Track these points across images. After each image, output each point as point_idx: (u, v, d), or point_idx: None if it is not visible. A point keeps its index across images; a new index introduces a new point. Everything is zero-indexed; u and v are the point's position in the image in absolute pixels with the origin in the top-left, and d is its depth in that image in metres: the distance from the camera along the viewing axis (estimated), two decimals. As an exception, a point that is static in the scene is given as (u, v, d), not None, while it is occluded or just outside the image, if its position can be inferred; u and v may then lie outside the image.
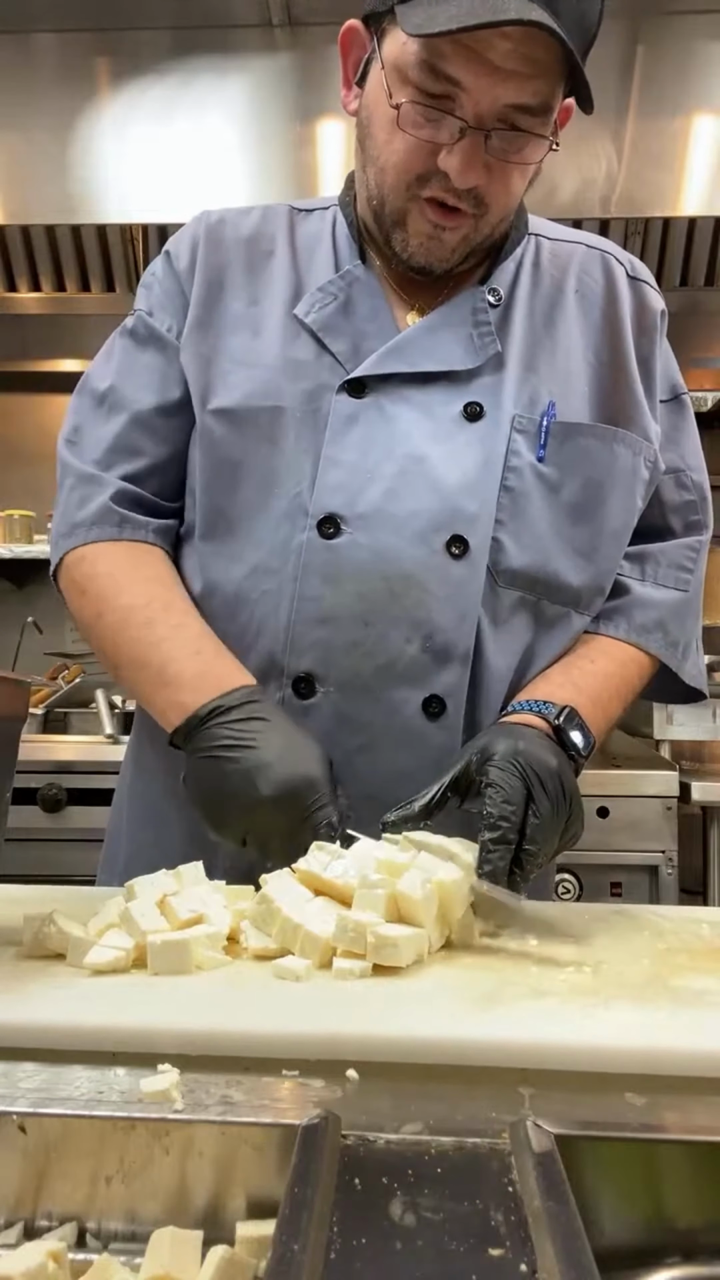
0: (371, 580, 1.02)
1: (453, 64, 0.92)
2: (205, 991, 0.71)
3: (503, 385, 1.07)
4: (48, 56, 2.83)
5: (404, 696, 1.03)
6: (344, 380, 1.05)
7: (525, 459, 1.06)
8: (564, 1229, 0.44)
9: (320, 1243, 0.43)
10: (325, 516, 1.03)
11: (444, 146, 0.95)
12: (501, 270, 1.11)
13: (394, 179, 1.00)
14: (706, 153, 2.66)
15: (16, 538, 3.09)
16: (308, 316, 1.08)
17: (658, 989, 0.73)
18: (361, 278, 1.10)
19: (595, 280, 1.13)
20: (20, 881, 0.98)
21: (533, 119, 0.95)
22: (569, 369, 1.10)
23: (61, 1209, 0.54)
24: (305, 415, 1.05)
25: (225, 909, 0.80)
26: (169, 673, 1.00)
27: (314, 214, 1.16)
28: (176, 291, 1.13)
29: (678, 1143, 0.53)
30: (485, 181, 0.97)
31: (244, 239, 1.13)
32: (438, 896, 0.80)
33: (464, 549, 1.03)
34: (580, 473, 1.07)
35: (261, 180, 2.79)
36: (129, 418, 1.11)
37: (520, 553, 1.05)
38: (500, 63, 0.91)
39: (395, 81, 0.96)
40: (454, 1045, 0.63)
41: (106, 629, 1.06)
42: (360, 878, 0.79)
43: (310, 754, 0.93)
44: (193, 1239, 0.50)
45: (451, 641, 1.03)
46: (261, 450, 1.06)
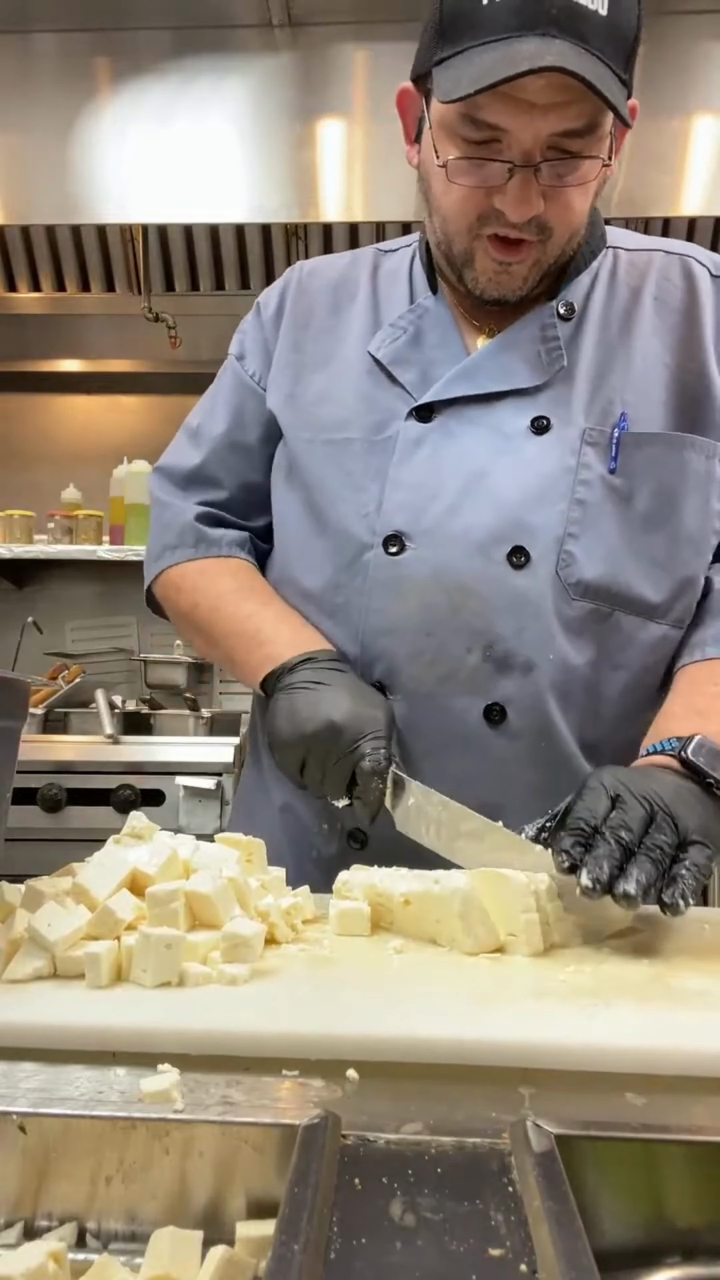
0: (432, 593, 1.06)
1: (490, 112, 0.96)
2: (204, 991, 0.71)
3: (572, 398, 1.09)
4: (48, 56, 2.83)
5: (465, 704, 1.06)
6: (411, 407, 1.11)
7: (596, 471, 1.07)
8: (564, 1229, 0.44)
9: (320, 1243, 0.43)
10: (391, 534, 1.08)
11: (496, 189, 0.99)
12: (575, 284, 1.13)
13: (455, 225, 1.05)
14: (706, 153, 2.66)
15: (16, 538, 3.09)
16: (379, 351, 1.14)
17: (658, 989, 0.73)
18: (432, 309, 1.15)
19: (675, 284, 1.14)
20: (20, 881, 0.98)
21: (581, 141, 0.97)
22: (645, 377, 1.10)
23: (61, 1209, 0.54)
24: (374, 444, 1.12)
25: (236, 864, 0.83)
26: (263, 636, 1.12)
27: (396, 253, 1.24)
28: (262, 339, 1.24)
29: (678, 1143, 0.53)
30: (543, 210, 1.00)
31: (330, 285, 1.22)
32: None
33: (525, 560, 1.05)
34: (651, 482, 1.08)
35: (261, 180, 2.79)
36: (208, 450, 1.24)
37: (592, 564, 1.07)
38: (536, 99, 0.94)
39: (442, 137, 1.01)
40: (454, 1045, 0.63)
41: (203, 611, 1.19)
42: (149, 895, 0.76)
43: (376, 700, 1.03)
44: (193, 1239, 0.50)
45: (512, 650, 1.05)
46: (334, 476, 1.13)
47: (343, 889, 0.90)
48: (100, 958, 0.70)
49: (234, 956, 0.74)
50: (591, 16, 0.93)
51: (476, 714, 1.06)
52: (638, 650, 1.10)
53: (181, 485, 1.25)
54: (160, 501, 1.26)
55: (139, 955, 0.71)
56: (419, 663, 1.07)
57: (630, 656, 1.10)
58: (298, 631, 1.11)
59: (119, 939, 0.73)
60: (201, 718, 2.88)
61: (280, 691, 1.05)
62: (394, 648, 1.08)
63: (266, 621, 1.13)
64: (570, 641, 1.07)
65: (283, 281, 1.26)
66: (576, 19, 0.92)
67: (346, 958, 0.80)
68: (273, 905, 0.82)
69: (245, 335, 1.27)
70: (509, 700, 1.06)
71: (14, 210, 2.86)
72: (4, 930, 0.75)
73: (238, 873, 0.81)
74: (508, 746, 1.06)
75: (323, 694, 1.01)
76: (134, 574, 3.30)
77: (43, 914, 0.74)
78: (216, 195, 2.80)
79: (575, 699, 1.08)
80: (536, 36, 0.92)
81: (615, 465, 1.08)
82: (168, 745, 2.58)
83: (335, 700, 1.00)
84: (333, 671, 1.05)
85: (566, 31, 0.92)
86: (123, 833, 0.88)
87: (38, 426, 3.50)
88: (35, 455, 3.47)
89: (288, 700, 1.03)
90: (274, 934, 0.81)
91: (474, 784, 1.03)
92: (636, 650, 1.10)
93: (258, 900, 0.82)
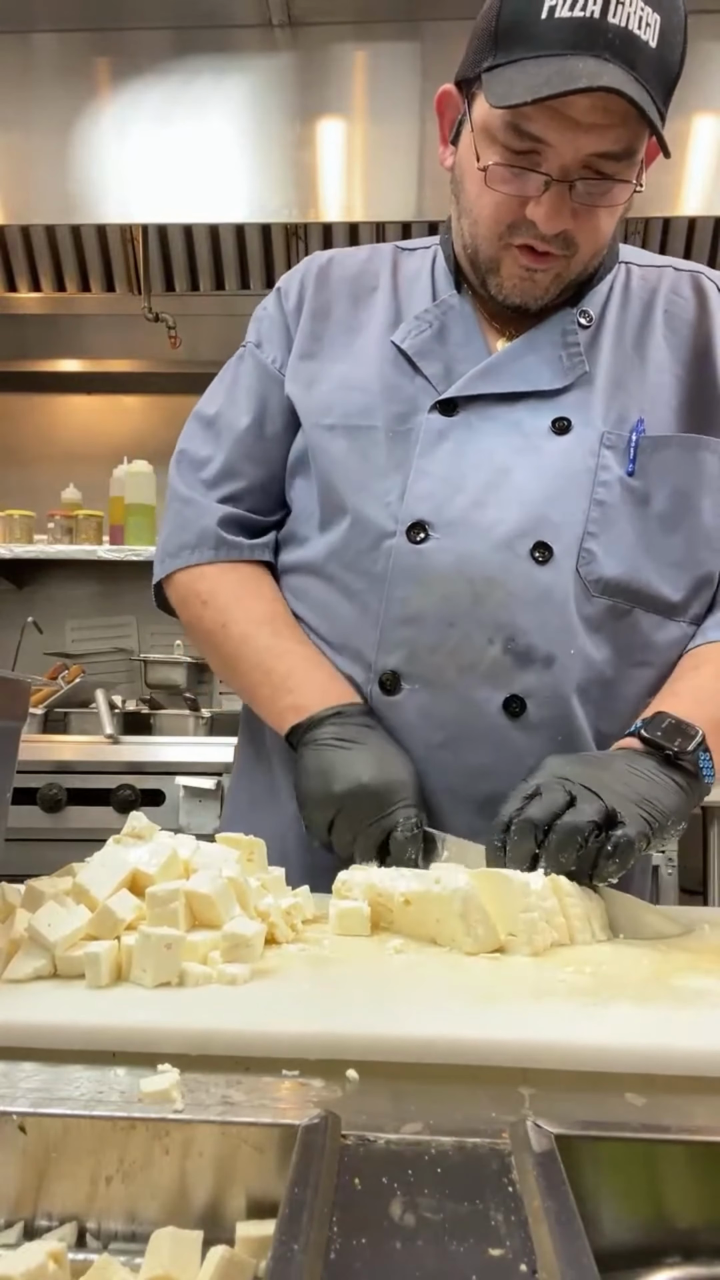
0: (456, 583, 1.07)
1: (536, 124, 0.98)
2: (205, 991, 0.71)
3: (591, 402, 1.11)
4: (48, 56, 2.83)
5: (485, 696, 1.07)
6: (435, 400, 1.12)
7: (615, 473, 1.09)
8: (564, 1229, 0.44)
9: (320, 1243, 0.43)
10: (414, 523, 1.09)
11: (531, 199, 1.02)
12: (593, 295, 1.16)
13: (486, 230, 1.07)
14: (706, 153, 2.67)
15: (16, 538, 3.09)
16: (404, 342, 1.15)
17: (658, 989, 0.73)
18: (456, 306, 1.17)
19: (685, 299, 1.18)
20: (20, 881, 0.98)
21: (616, 164, 1.00)
22: (658, 385, 1.13)
23: (61, 1209, 0.54)
24: (398, 433, 1.13)
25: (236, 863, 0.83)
26: (293, 681, 1.11)
27: (416, 253, 1.25)
28: (283, 327, 1.24)
29: (678, 1143, 0.53)
30: (573, 226, 1.03)
31: (350, 276, 1.23)
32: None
33: (548, 555, 1.06)
34: (667, 484, 1.10)
35: (261, 180, 2.79)
36: (231, 442, 1.22)
37: (612, 563, 1.08)
38: (581, 118, 0.96)
39: (483, 142, 1.03)
40: (454, 1045, 0.63)
41: (232, 637, 1.17)
42: (149, 895, 0.76)
43: (404, 763, 1.04)
44: (193, 1239, 0.50)
45: (534, 644, 1.06)
46: (355, 463, 1.14)
47: (342, 889, 0.90)
48: (100, 957, 0.70)
49: (234, 956, 0.74)
50: (644, 48, 0.96)
51: (496, 705, 1.07)
52: (657, 648, 1.12)
53: (205, 481, 1.23)
54: (181, 496, 1.23)
55: (139, 955, 0.71)
56: (440, 652, 1.08)
57: (649, 654, 1.12)
58: (329, 682, 1.11)
59: (119, 939, 0.73)
60: (201, 718, 2.89)
61: (308, 746, 1.05)
62: (415, 637, 1.08)
63: (298, 666, 1.12)
64: (590, 637, 1.08)
65: (302, 270, 1.26)
66: (630, 47, 0.95)
67: (346, 957, 0.80)
68: (273, 905, 0.82)
69: (263, 323, 1.26)
70: (529, 693, 1.07)
71: (14, 210, 2.86)
72: (4, 930, 0.75)
73: (238, 873, 0.81)
74: (526, 739, 1.07)
75: (354, 754, 1.02)
76: (134, 574, 3.31)
77: (43, 914, 0.74)
78: (216, 195, 2.80)
79: (594, 694, 1.09)
80: (593, 57, 0.94)
81: (633, 468, 1.10)
82: (168, 745, 2.58)
83: (365, 763, 1.01)
84: (362, 729, 1.05)
85: (620, 57, 0.95)
86: (123, 833, 0.88)
87: (38, 426, 3.50)
88: (35, 455, 3.46)
89: (316, 757, 1.03)
90: (274, 934, 0.81)
91: (491, 776, 1.05)
92: (655, 648, 1.12)
93: (258, 900, 0.82)
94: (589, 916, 0.86)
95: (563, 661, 1.07)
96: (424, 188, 2.75)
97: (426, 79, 2.72)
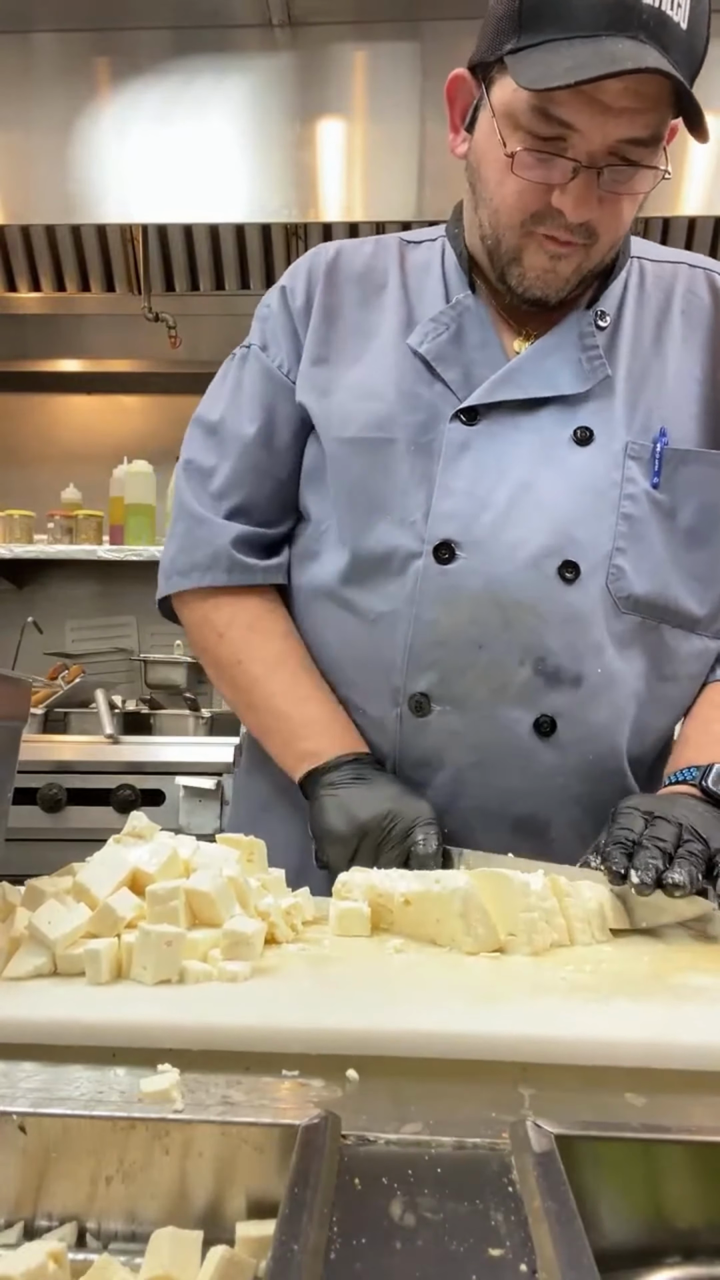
0: (485, 605, 1.06)
1: (566, 109, 0.94)
2: (205, 988, 0.71)
3: (613, 410, 1.09)
4: (48, 56, 2.83)
5: (516, 716, 1.06)
6: (457, 409, 1.09)
7: (640, 485, 1.07)
8: (564, 1229, 0.44)
9: (320, 1243, 0.43)
10: (441, 543, 1.06)
11: (557, 186, 0.98)
12: (609, 293, 1.13)
13: (509, 219, 1.03)
14: (706, 153, 2.66)
15: (16, 538, 3.09)
16: (421, 346, 1.11)
17: (658, 987, 0.73)
18: (472, 307, 1.13)
19: (701, 299, 1.15)
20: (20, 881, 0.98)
21: (644, 150, 0.97)
22: (678, 392, 1.11)
23: (61, 1209, 0.54)
24: (419, 445, 1.09)
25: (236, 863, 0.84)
26: (309, 729, 1.11)
27: (422, 245, 1.20)
28: (290, 329, 1.18)
29: (678, 1143, 0.53)
30: (598, 215, 1.00)
31: (358, 274, 1.18)
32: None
33: (576, 574, 1.05)
34: (695, 499, 1.09)
35: (261, 180, 2.79)
36: (237, 452, 1.18)
37: (640, 579, 1.07)
38: (612, 102, 0.93)
39: (507, 127, 0.99)
40: (454, 1040, 0.63)
41: (248, 674, 1.16)
42: (149, 893, 0.76)
43: (420, 795, 1.05)
44: (193, 1239, 0.50)
45: (563, 665, 1.06)
46: (378, 480, 1.10)
47: (343, 889, 0.90)
48: (100, 955, 0.70)
49: (234, 954, 0.74)
50: (675, 29, 0.93)
51: (527, 726, 1.06)
52: (682, 661, 1.11)
53: (214, 493, 1.18)
54: (192, 513, 1.19)
55: (139, 952, 0.71)
56: (470, 675, 1.06)
57: (676, 668, 1.11)
58: (344, 733, 1.11)
59: (119, 936, 0.74)
60: (201, 718, 2.88)
61: (325, 789, 1.06)
62: (445, 659, 1.07)
63: (314, 715, 1.12)
64: (620, 654, 1.07)
65: (307, 265, 1.20)
66: (663, 29, 0.92)
67: (346, 957, 0.80)
68: (273, 905, 0.82)
69: (268, 324, 1.20)
70: (559, 713, 1.06)
71: (14, 210, 2.86)
72: (4, 929, 0.75)
73: (238, 872, 0.81)
74: (557, 758, 1.07)
75: (372, 787, 1.04)
76: (134, 574, 3.30)
77: (43, 912, 0.74)
78: (216, 195, 2.80)
79: (625, 711, 1.09)
80: (627, 38, 0.91)
81: (658, 480, 1.08)
82: (168, 745, 2.58)
83: (385, 792, 1.03)
84: (377, 771, 1.07)
85: (653, 38, 0.92)
86: (123, 833, 0.88)
87: (38, 426, 3.50)
88: (35, 455, 3.46)
89: (334, 797, 1.05)
90: (274, 934, 0.81)
91: (522, 797, 1.05)
92: (681, 661, 1.11)
93: (258, 900, 0.82)
94: (588, 917, 0.86)
95: (591, 680, 1.06)
96: (424, 188, 2.75)
97: (426, 79, 2.72)
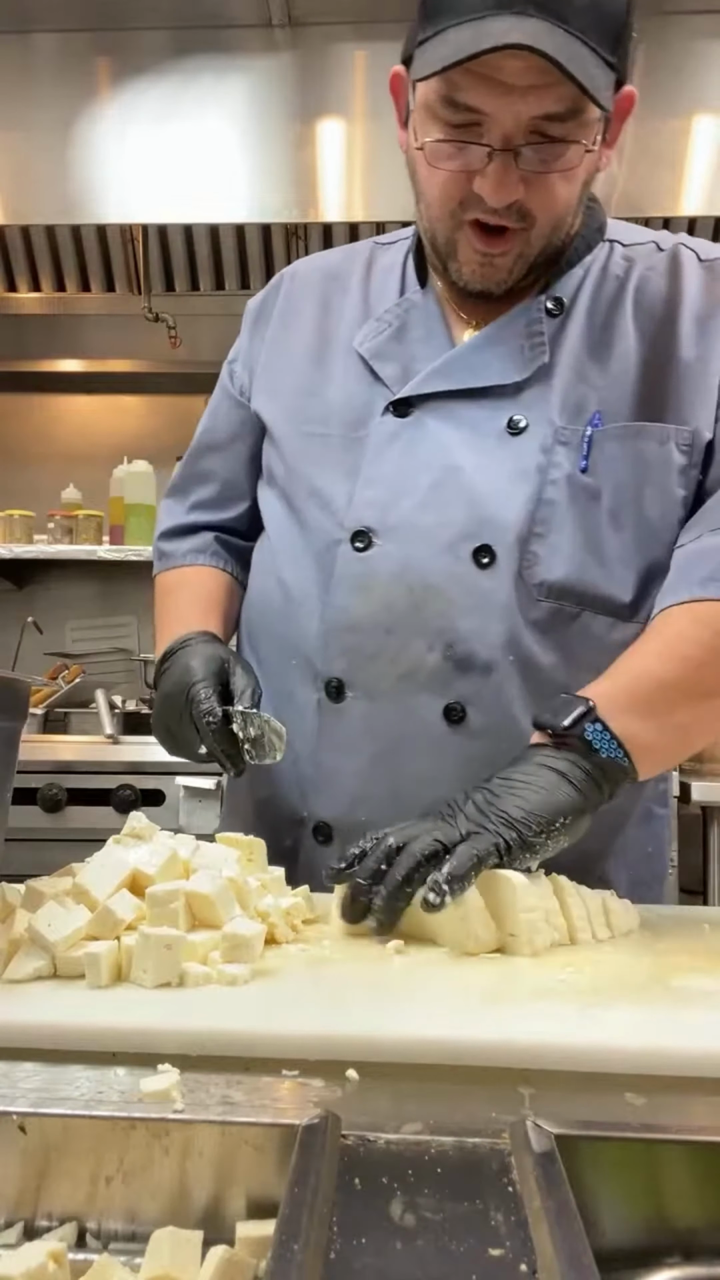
0: (396, 590, 1.05)
1: (469, 94, 0.93)
2: (205, 991, 0.71)
3: (549, 396, 1.07)
4: (48, 56, 2.83)
5: (425, 703, 1.05)
6: (389, 401, 1.09)
7: (565, 470, 1.05)
8: (564, 1229, 0.44)
9: (320, 1243, 0.43)
10: (359, 530, 1.07)
11: (476, 172, 0.97)
12: (567, 278, 1.11)
13: (438, 210, 1.03)
14: (706, 153, 2.66)
15: (16, 538, 3.09)
16: (362, 346, 1.13)
17: (657, 989, 0.73)
18: (419, 302, 1.13)
19: (658, 272, 1.11)
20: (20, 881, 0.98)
21: (563, 125, 0.94)
22: (621, 373, 1.08)
23: (61, 1209, 0.54)
24: (351, 439, 1.11)
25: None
26: (160, 638, 1.18)
27: (394, 246, 1.21)
28: (248, 343, 1.26)
29: (678, 1143, 0.53)
30: (524, 195, 0.98)
31: (320, 280, 1.21)
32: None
33: (491, 559, 1.04)
34: (613, 478, 1.06)
35: (261, 180, 2.79)
36: (204, 448, 1.29)
37: (556, 565, 1.05)
38: (515, 81, 0.91)
39: (423, 120, 0.99)
40: (454, 1045, 0.63)
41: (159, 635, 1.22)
42: (149, 895, 0.76)
43: (205, 656, 1.07)
44: (193, 1239, 0.50)
45: (474, 650, 1.04)
46: (310, 471, 1.13)
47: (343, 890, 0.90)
48: (100, 958, 0.70)
49: (234, 957, 0.74)
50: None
51: (436, 713, 1.05)
52: (606, 649, 1.06)
53: (178, 485, 1.31)
54: (167, 507, 1.33)
55: (139, 955, 0.71)
56: (380, 661, 1.06)
57: (603, 657, 1.06)
58: (180, 624, 1.16)
59: (119, 939, 0.74)
60: (201, 718, 2.88)
61: None
62: (356, 644, 1.07)
63: (163, 626, 1.20)
64: (537, 641, 1.05)
65: (273, 284, 1.27)
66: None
67: (347, 958, 0.80)
68: (273, 905, 0.82)
69: (241, 338, 1.28)
70: (469, 700, 1.05)
71: (14, 210, 2.86)
72: (4, 930, 0.76)
73: (238, 873, 0.81)
74: (468, 746, 1.05)
75: (166, 677, 1.09)
76: (134, 574, 3.30)
77: (43, 914, 0.74)
78: (216, 195, 2.80)
79: (541, 700, 1.04)
80: (511, 15, 0.89)
81: (586, 464, 1.05)
82: (167, 745, 2.57)
83: (169, 676, 1.08)
84: (182, 651, 1.10)
85: (545, 10, 0.88)
86: (123, 833, 0.88)
87: (38, 426, 3.50)
88: (35, 455, 3.46)
89: (156, 698, 1.10)
90: (274, 934, 0.81)
91: (434, 784, 1.01)
92: (605, 650, 1.06)
93: (258, 900, 0.82)
94: (589, 916, 0.86)
95: (503, 668, 1.04)
96: (424, 188, 2.75)
97: (426, 79, 2.72)
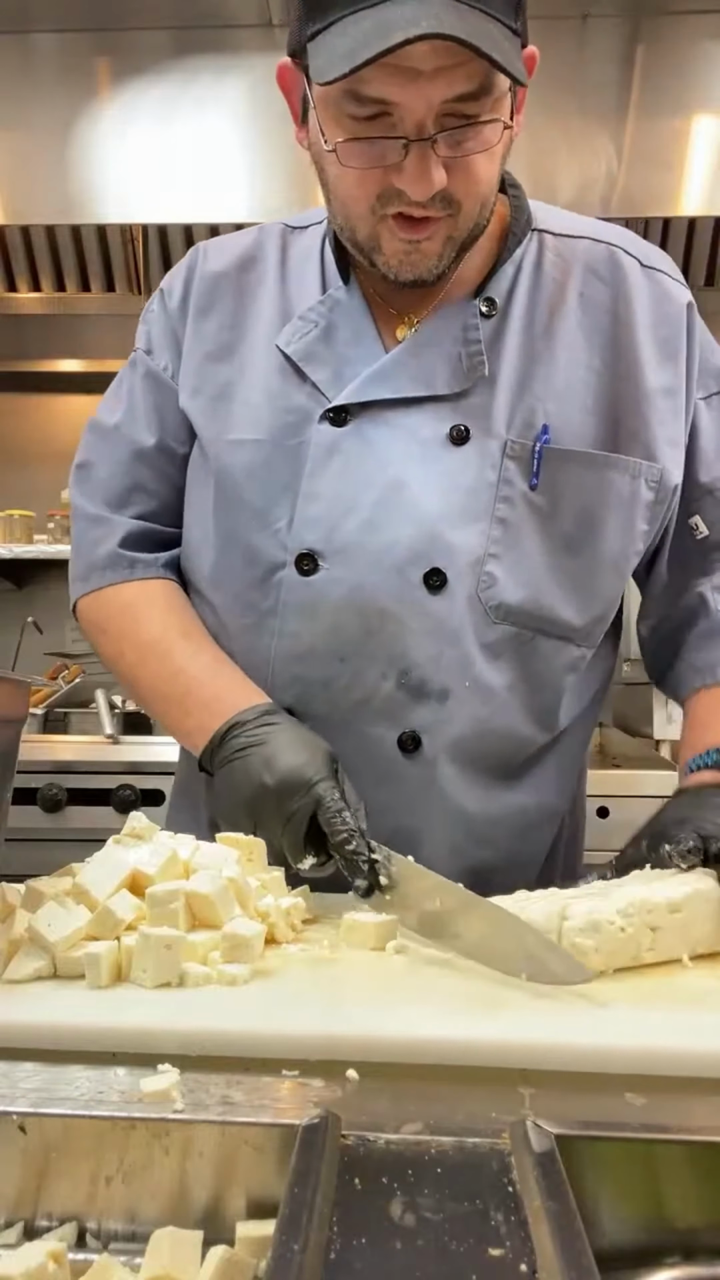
0: (347, 616, 1.01)
1: (375, 86, 0.86)
2: (204, 991, 0.71)
3: (493, 407, 1.02)
4: (48, 56, 2.83)
5: (379, 733, 1.03)
6: (325, 410, 1.03)
7: (518, 488, 1.02)
8: (564, 1229, 0.44)
9: (320, 1243, 0.43)
10: (303, 553, 1.02)
11: (393, 166, 0.90)
12: (498, 276, 1.05)
13: (356, 209, 0.95)
14: (706, 153, 2.66)
15: (16, 538, 3.09)
16: (289, 347, 1.05)
17: (658, 990, 0.73)
18: (344, 301, 1.06)
19: (603, 280, 1.06)
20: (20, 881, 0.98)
21: (477, 104, 0.88)
22: (569, 385, 1.03)
23: (61, 1209, 0.54)
24: (287, 449, 1.04)
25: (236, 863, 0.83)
26: (189, 702, 1.03)
27: (308, 230, 1.12)
28: (169, 330, 1.13)
29: (678, 1143, 0.53)
30: (448, 181, 0.91)
31: (233, 268, 1.11)
32: None
33: (443, 581, 1.00)
34: (574, 502, 1.03)
35: (261, 180, 2.79)
36: (133, 456, 1.13)
37: (514, 587, 1.02)
38: (421, 66, 0.85)
39: (327, 118, 0.91)
40: (454, 1046, 0.63)
41: (128, 666, 1.09)
42: (149, 895, 0.76)
43: (308, 747, 0.94)
44: (193, 1239, 0.50)
45: (428, 677, 1.02)
46: (243, 484, 1.05)
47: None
48: (100, 958, 0.70)
49: (234, 957, 0.74)
50: None
51: (390, 742, 1.03)
52: (555, 672, 1.06)
53: (107, 495, 1.14)
54: (87, 515, 1.14)
55: (139, 955, 0.71)
56: (331, 689, 1.03)
57: (549, 679, 1.06)
58: (225, 688, 1.02)
59: (119, 939, 0.74)
60: (201, 718, 2.88)
61: (219, 768, 0.98)
62: (306, 673, 1.03)
63: (195, 681, 1.03)
64: (490, 664, 1.03)
65: (186, 265, 1.15)
66: None
67: (347, 958, 0.80)
68: (273, 905, 0.82)
69: (151, 327, 1.15)
70: (424, 729, 1.02)
71: (14, 210, 2.86)
72: (4, 930, 0.76)
73: (238, 873, 0.81)
74: (423, 774, 1.03)
75: (251, 759, 0.94)
76: (134, 574, 3.26)
77: (43, 914, 0.74)
78: (216, 195, 2.80)
79: (494, 724, 1.04)
80: None
81: (536, 481, 1.02)
82: (168, 745, 2.57)
83: (263, 762, 0.93)
84: (262, 728, 0.96)
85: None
86: (123, 833, 0.88)
87: (38, 426, 3.50)
88: (35, 455, 3.46)
89: (227, 775, 0.96)
90: (274, 934, 0.81)
91: (390, 812, 1.00)
92: (555, 672, 1.06)
93: (258, 900, 0.82)
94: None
95: (458, 695, 1.02)
96: (424, 188, 2.75)
97: (426, 79, 2.72)
